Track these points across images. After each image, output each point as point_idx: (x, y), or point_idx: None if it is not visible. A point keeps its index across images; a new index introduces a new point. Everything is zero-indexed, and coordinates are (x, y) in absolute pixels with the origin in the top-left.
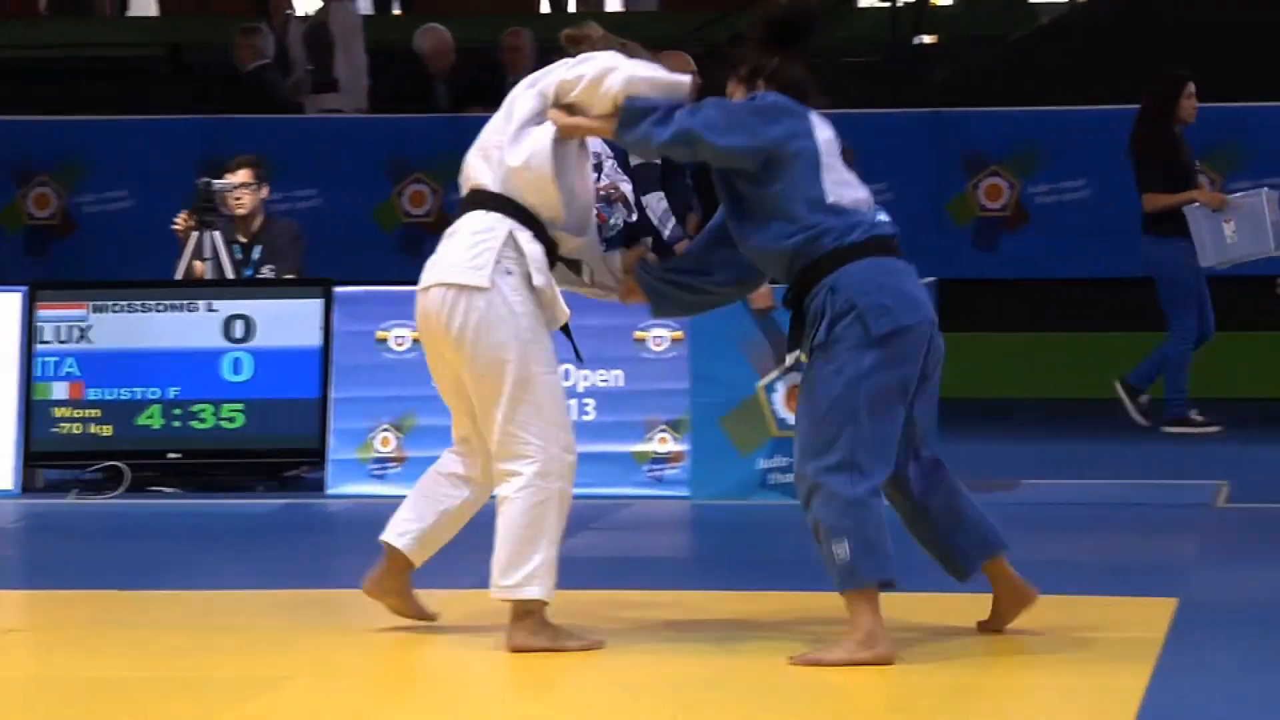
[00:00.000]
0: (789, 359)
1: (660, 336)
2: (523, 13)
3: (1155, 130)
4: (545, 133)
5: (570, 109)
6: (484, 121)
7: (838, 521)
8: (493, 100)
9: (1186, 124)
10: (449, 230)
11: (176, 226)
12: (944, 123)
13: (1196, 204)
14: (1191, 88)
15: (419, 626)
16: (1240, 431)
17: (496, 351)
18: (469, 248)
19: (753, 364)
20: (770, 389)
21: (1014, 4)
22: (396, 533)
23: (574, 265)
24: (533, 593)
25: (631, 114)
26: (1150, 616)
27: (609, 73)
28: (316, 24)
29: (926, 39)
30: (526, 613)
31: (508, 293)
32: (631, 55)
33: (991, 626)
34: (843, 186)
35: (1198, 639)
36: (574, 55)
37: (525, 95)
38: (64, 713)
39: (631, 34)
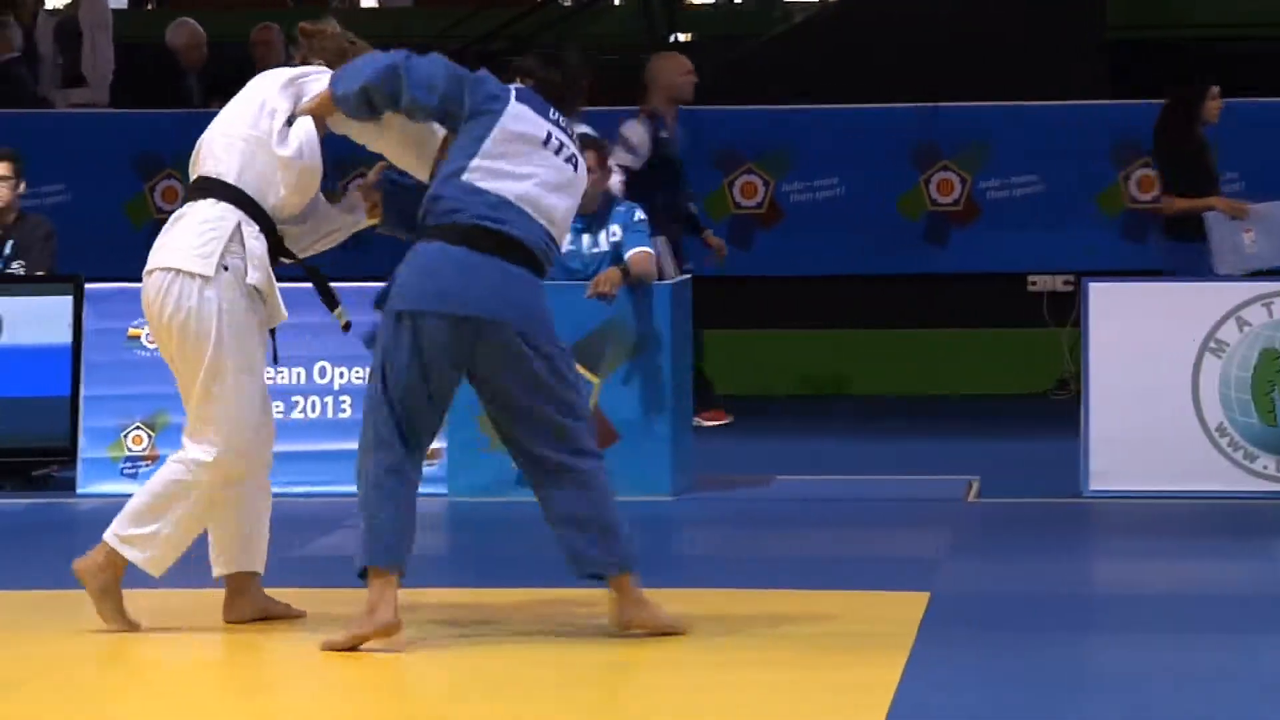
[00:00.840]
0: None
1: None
2: (273, 6)
3: (1179, 132)
4: (307, 123)
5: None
6: None
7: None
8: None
9: (1211, 124)
10: (175, 215)
11: None
12: (698, 120)
13: (1216, 211)
14: (1216, 90)
15: (163, 626)
16: (988, 427)
17: (200, 341)
18: (197, 235)
19: None
20: None
21: (768, 2)
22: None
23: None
24: (126, 552)
25: (341, 75)
26: (902, 611)
27: None
28: (66, 18)
29: (682, 37)
30: (112, 561)
31: (222, 287)
32: (365, 50)
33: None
34: (493, 176)
35: (949, 633)
36: (305, 49)
37: (280, 95)
38: None
39: (386, 30)
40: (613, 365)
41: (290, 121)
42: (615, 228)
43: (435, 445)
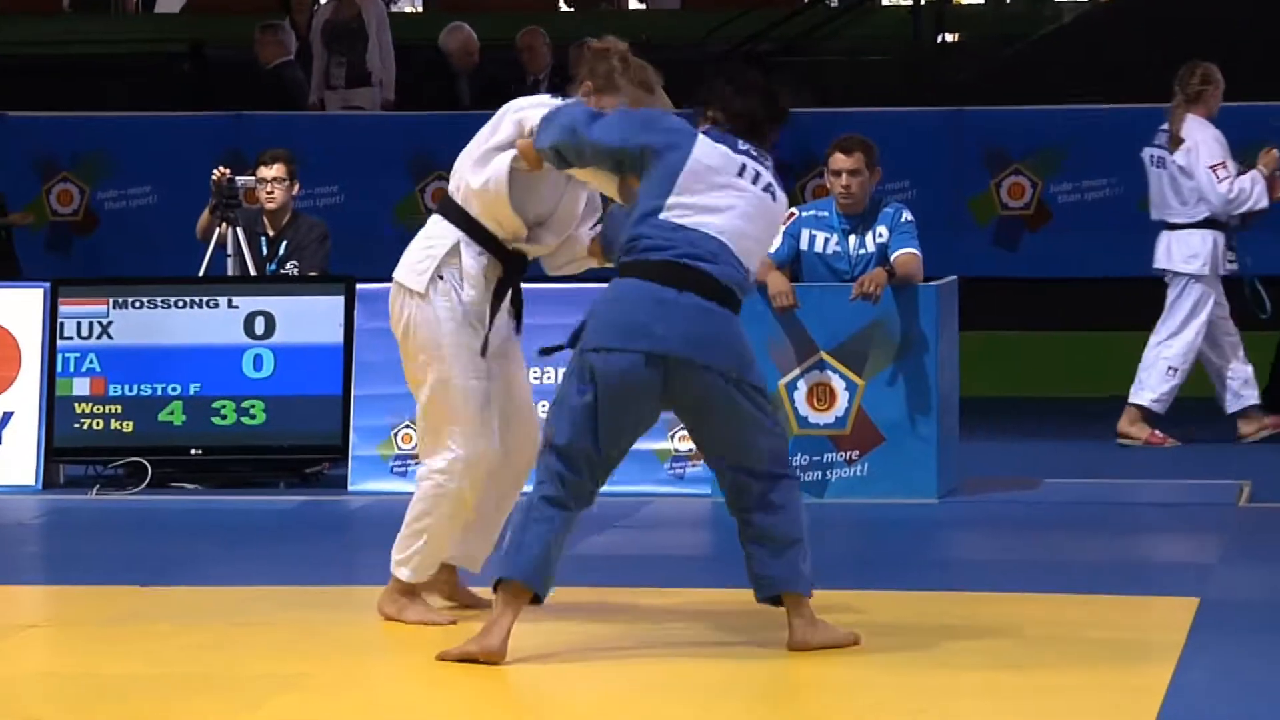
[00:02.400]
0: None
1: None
2: (542, 10)
3: None
4: (505, 160)
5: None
6: None
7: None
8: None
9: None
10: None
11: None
12: (966, 121)
13: None
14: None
15: (437, 626)
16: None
17: (416, 352)
18: (418, 251)
19: (774, 362)
20: (791, 387)
21: (1037, 2)
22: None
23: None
24: (404, 574)
25: (542, 127)
26: (1171, 616)
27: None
28: (338, 20)
29: (949, 37)
30: (398, 586)
31: (437, 299)
32: (634, 78)
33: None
34: (692, 210)
35: (1219, 639)
36: (584, 64)
37: (508, 121)
38: (84, 709)
39: (653, 32)
40: (878, 367)
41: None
42: (882, 229)
43: None
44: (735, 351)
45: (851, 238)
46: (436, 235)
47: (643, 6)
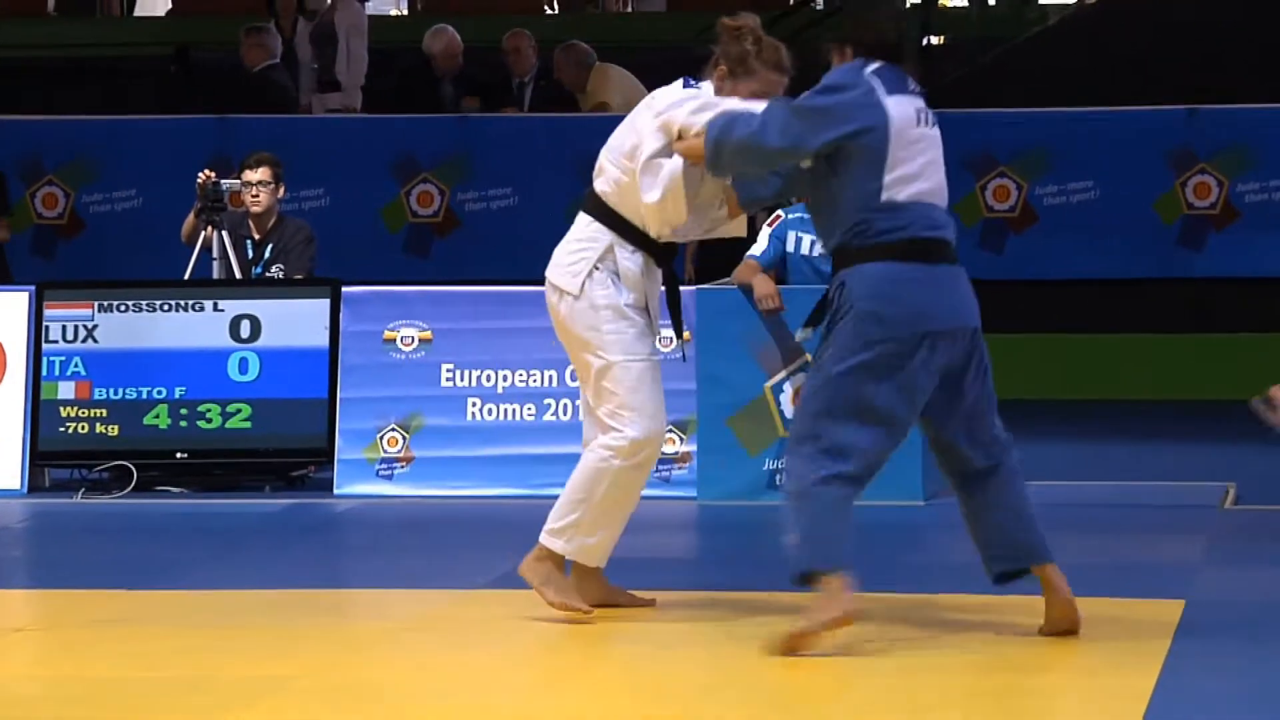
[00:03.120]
0: (798, 334)
1: (667, 337)
2: (526, 12)
3: None
4: (677, 170)
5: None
6: (490, 123)
7: (789, 511)
8: (498, 101)
9: None
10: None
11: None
12: (951, 123)
13: None
14: None
15: (422, 626)
16: (1246, 433)
17: (579, 350)
18: (571, 252)
19: (760, 364)
20: (777, 389)
21: (1022, 4)
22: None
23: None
24: (554, 545)
25: (712, 137)
26: (1157, 619)
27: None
28: (323, 23)
29: (935, 39)
30: (547, 555)
31: (594, 290)
32: (768, 60)
33: (1043, 631)
34: (903, 182)
35: (1205, 641)
36: (719, 50)
37: (650, 127)
38: (69, 712)
39: (639, 35)
40: None
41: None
42: None
43: (686, 449)
44: (975, 306)
45: None
46: (587, 237)
47: (628, 9)
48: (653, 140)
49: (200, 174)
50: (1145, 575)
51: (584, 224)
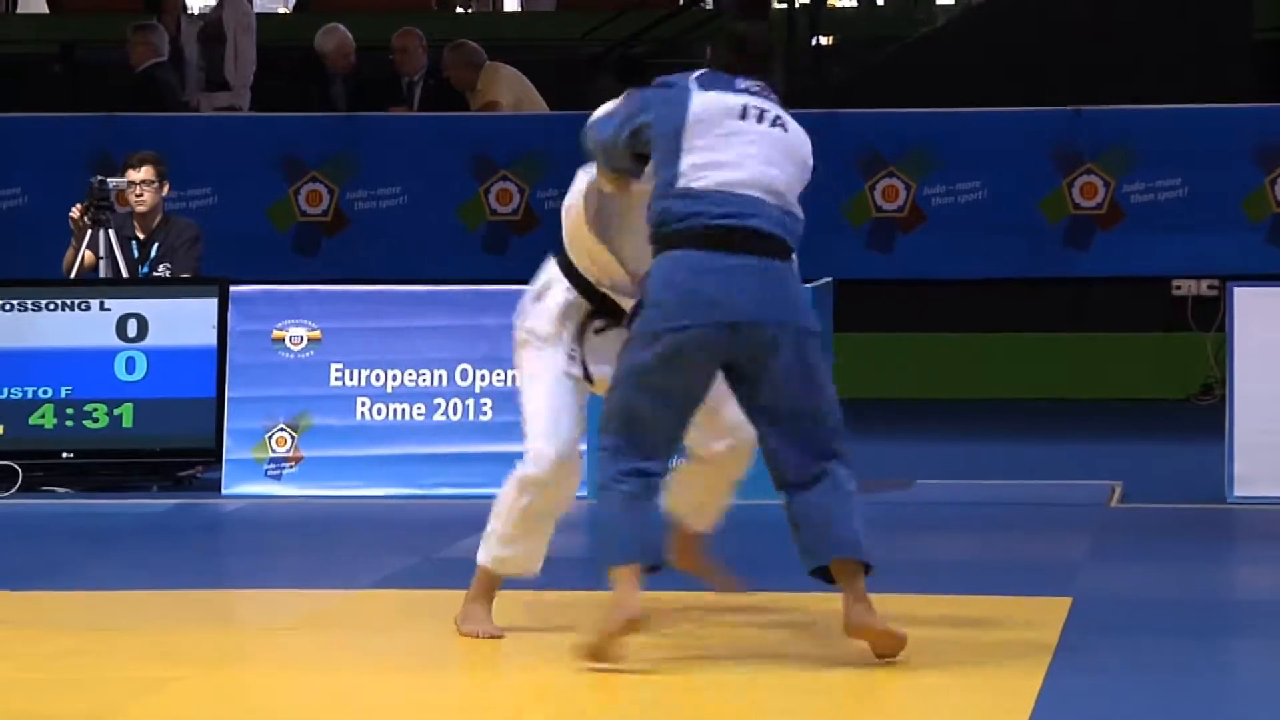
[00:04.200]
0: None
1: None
2: (415, 10)
3: None
4: (584, 179)
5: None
6: (379, 121)
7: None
8: (389, 101)
9: None
10: None
11: (73, 215)
12: (840, 123)
13: None
14: None
15: (309, 626)
16: (1132, 432)
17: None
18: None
19: None
20: None
21: (911, 5)
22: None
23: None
24: (479, 556)
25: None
26: (1044, 616)
27: None
28: (210, 22)
29: (824, 40)
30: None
31: (519, 331)
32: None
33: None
34: (708, 169)
35: (1092, 639)
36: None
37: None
38: None
39: (528, 34)
40: None
41: None
42: None
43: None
44: (795, 304)
45: None
46: (544, 270)
47: (518, 8)
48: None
49: (94, 178)
50: (1032, 573)
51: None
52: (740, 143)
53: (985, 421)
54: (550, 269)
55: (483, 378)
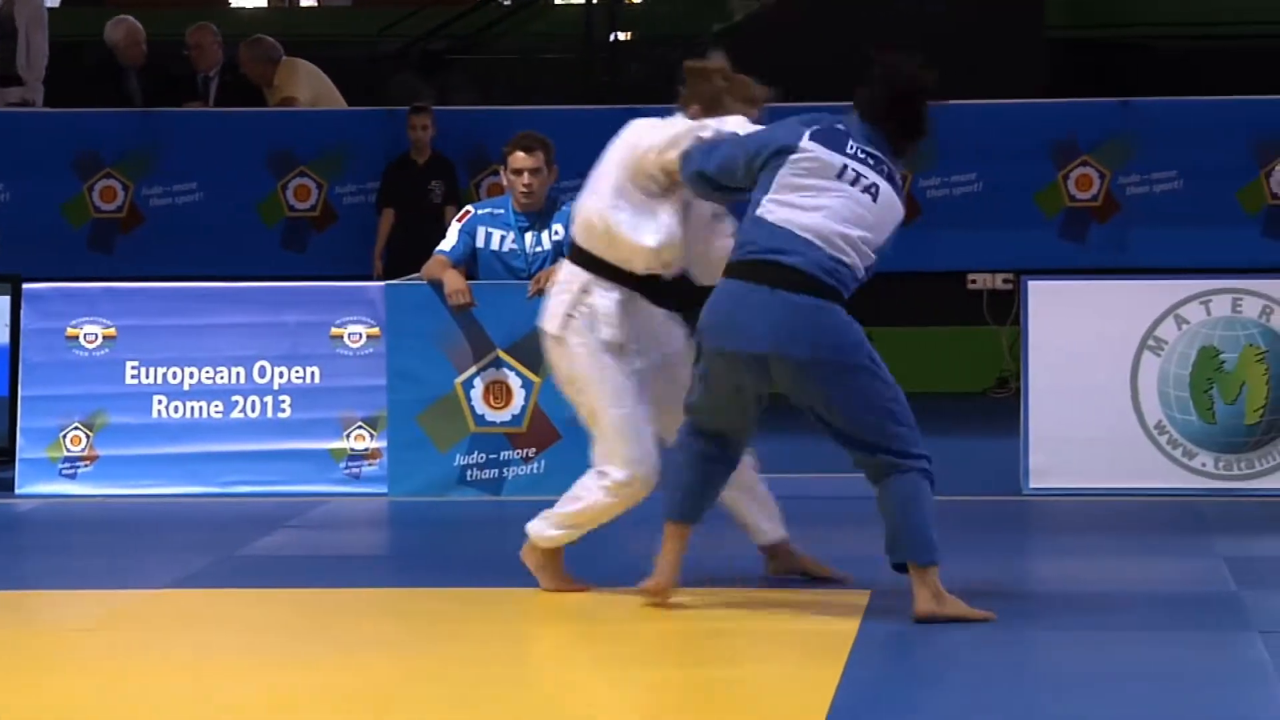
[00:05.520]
0: None
1: (356, 333)
2: (210, 5)
3: None
4: (669, 220)
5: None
6: (175, 117)
7: None
8: (186, 96)
9: None
10: None
11: None
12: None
13: None
14: None
15: (104, 627)
16: (929, 425)
17: (566, 387)
18: (553, 296)
19: (451, 360)
20: (468, 385)
21: (707, 2)
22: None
23: None
24: (544, 535)
25: (685, 163)
26: (842, 608)
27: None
28: (1, 16)
29: (622, 35)
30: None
31: (573, 339)
32: (739, 95)
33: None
34: (787, 208)
35: (889, 630)
36: (690, 92)
37: (621, 160)
38: None
39: (324, 29)
40: None
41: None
42: (558, 226)
43: (375, 445)
44: (828, 337)
45: (528, 235)
46: (565, 281)
47: (314, 3)
48: (644, 184)
49: None
50: (833, 565)
51: (565, 269)
52: (826, 197)
53: (781, 414)
54: (572, 273)
55: (281, 374)
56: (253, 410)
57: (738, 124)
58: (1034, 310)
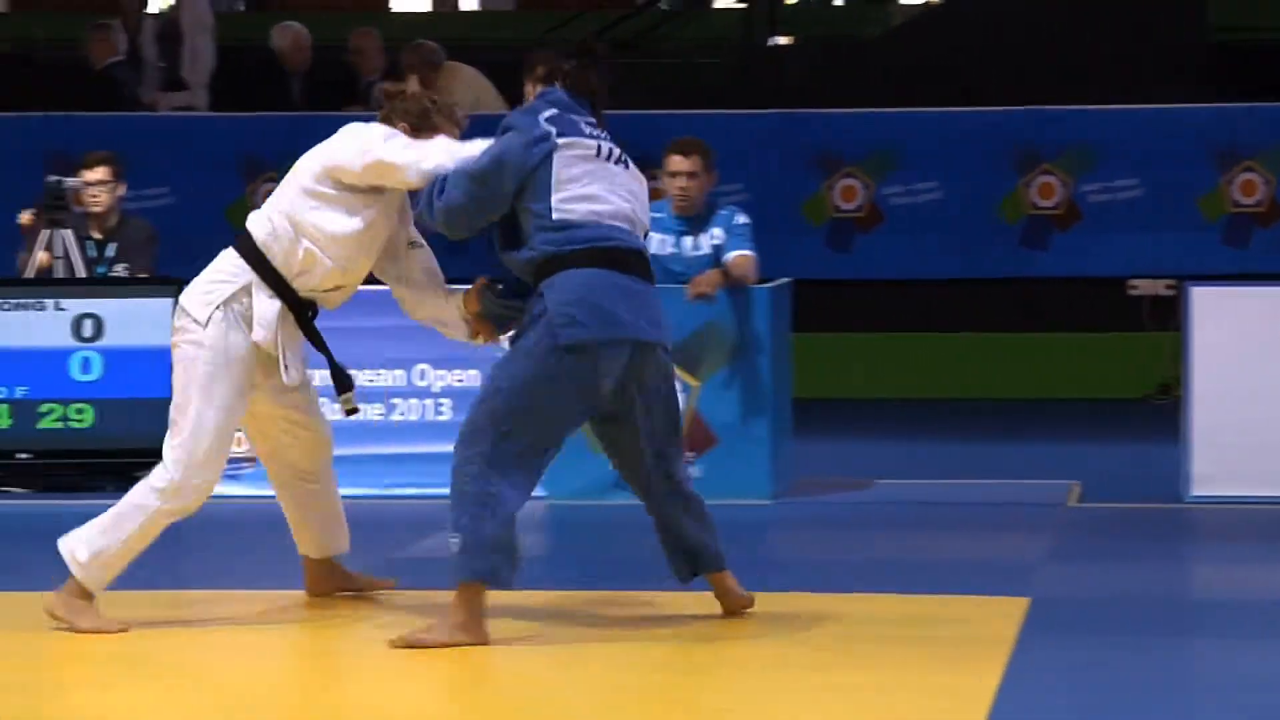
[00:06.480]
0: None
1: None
2: (372, 10)
3: None
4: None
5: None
6: (340, 120)
7: (455, 515)
8: (346, 99)
9: None
10: None
11: (22, 220)
12: (798, 124)
13: None
14: None
15: (254, 622)
16: (1089, 432)
17: (177, 368)
18: (207, 281)
19: None
20: None
21: (867, 6)
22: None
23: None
24: (78, 572)
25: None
26: (1002, 615)
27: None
28: (168, 21)
29: (781, 40)
30: (73, 585)
31: (211, 331)
32: (443, 116)
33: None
34: (577, 201)
35: (1049, 638)
36: (388, 110)
37: (307, 165)
38: None
39: (487, 34)
40: (712, 368)
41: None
42: (717, 230)
43: None
44: (668, 327)
45: (686, 239)
46: (229, 273)
47: (477, 7)
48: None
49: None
50: (991, 573)
51: (229, 258)
52: (599, 180)
53: (944, 421)
54: (238, 268)
55: (440, 377)
56: (413, 413)
57: (445, 144)
58: (1197, 316)
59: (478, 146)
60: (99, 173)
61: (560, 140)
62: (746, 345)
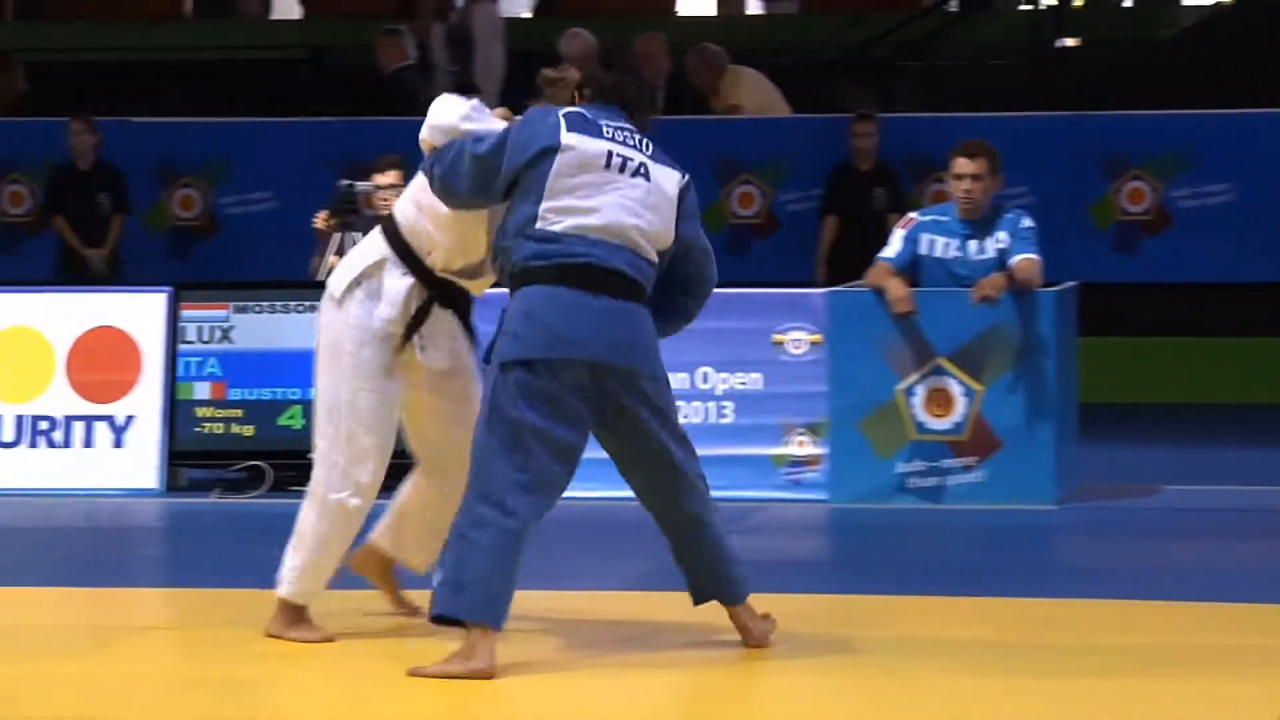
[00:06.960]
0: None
1: (799, 339)
2: (656, 14)
3: None
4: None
5: None
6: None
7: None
8: None
9: None
10: None
11: (317, 223)
12: (1086, 126)
13: None
14: None
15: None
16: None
17: (320, 355)
18: (346, 259)
19: (892, 367)
20: (910, 392)
21: (1157, 6)
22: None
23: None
24: (282, 591)
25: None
26: None
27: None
28: (458, 25)
29: (1069, 42)
30: (281, 606)
31: (352, 309)
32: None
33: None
34: (566, 213)
35: None
36: (548, 97)
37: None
38: (204, 711)
39: (770, 36)
40: (996, 372)
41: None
42: (1002, 234)
43: (816, 452)
44: (647, 349)
45: (972, 243)
46: (364, 249)
47: (761, 10)
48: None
49: (341, 182)
50: (1266, 578)
51: (372, 237)
52: (601, 193)
53: (1233, 425)
54: (376, 245)
55: (724, 380)
56: (696, 416)
57: (461, 107)
58: None
59: (495, 124)
60: (390, 176)
61: (567, 141)
62: (1031, 349)
